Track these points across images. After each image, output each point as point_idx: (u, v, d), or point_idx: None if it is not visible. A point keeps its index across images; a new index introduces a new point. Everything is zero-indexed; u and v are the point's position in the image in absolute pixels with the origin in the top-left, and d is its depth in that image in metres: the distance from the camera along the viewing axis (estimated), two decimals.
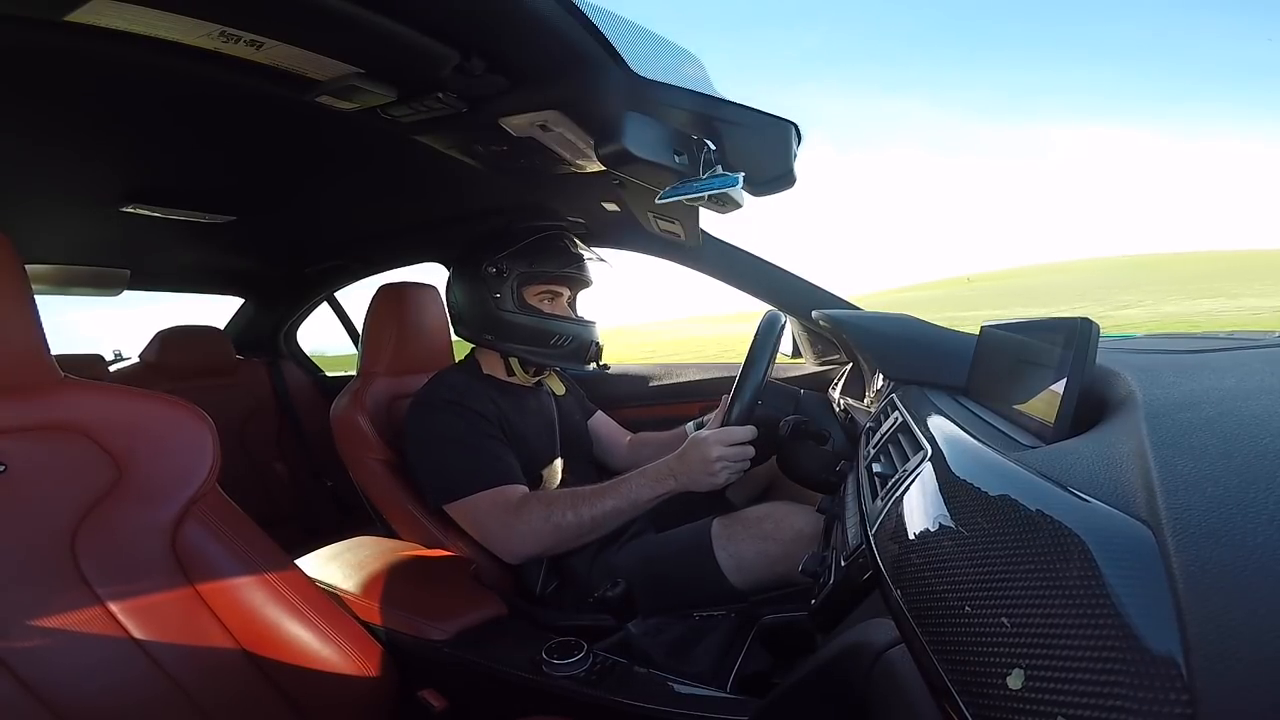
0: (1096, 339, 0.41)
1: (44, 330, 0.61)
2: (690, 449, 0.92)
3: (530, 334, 1.07)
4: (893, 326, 0.90)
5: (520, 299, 1.07)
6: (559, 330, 1.07)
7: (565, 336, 1.08)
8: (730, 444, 0.90)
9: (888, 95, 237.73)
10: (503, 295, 1.06)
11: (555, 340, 1.07)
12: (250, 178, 1.10)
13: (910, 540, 0.38)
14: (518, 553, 0.96)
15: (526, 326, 1.06)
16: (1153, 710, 0.18)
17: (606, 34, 0.56)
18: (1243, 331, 0.79)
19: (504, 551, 0.97)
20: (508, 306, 1.06)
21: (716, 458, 0.89)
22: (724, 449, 0.89)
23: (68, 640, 0.57)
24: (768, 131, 0.70)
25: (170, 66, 0.62)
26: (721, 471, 0.89)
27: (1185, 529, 0.22)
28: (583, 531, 0.93)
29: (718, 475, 0.90)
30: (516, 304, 1.06)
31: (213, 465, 0.66)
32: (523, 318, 1.06)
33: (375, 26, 0.53)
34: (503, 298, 1.06)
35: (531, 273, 1.06)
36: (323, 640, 0.67)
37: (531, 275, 1.07)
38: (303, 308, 2.07)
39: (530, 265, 1.06)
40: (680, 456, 0.92)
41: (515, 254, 1.06)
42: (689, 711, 0.66)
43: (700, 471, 0.90)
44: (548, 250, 1.08)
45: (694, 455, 0.91)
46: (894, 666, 0.33)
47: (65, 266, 1.48)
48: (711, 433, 0.91)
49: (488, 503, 0.96)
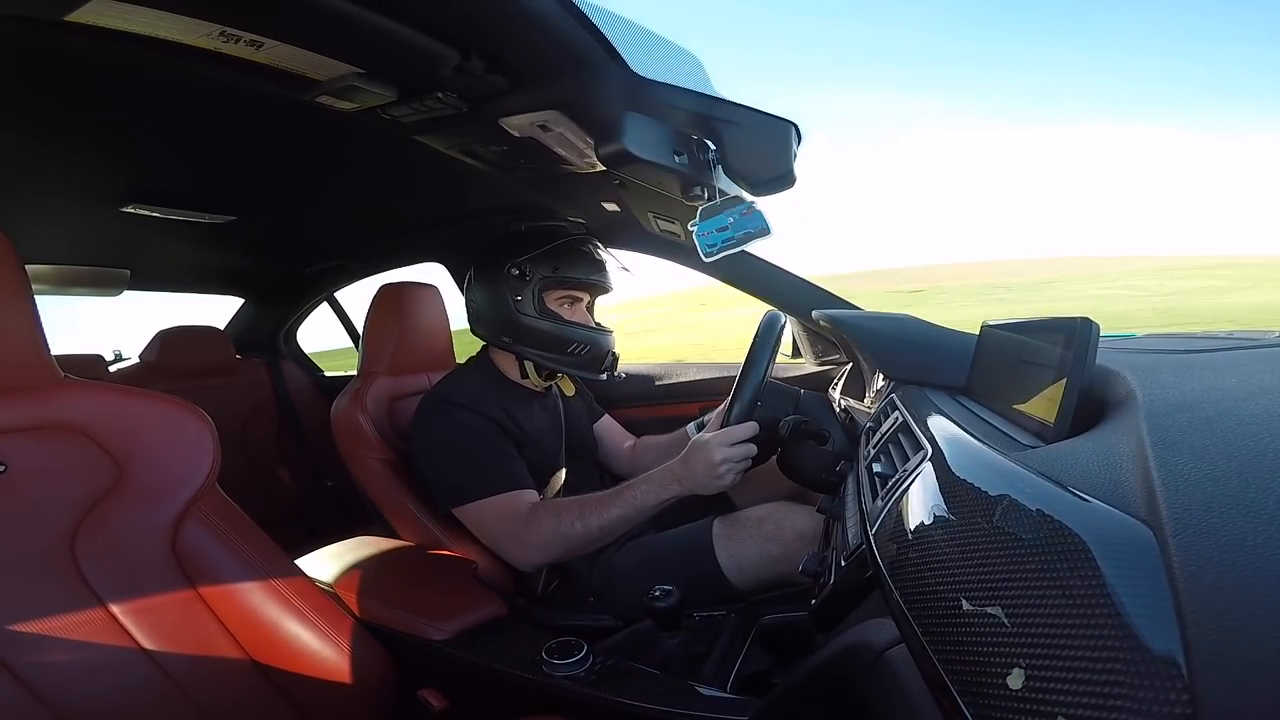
0: (1097, 339, 0.41)
1: (44, 330, 0.61)
2: (692, 453, 0.91)
3: (549, 340, 1.05)
4: (892, 326, 0.90)
5: (541, 303, 1.05)
6: (578, 337, 1.06)
7: (583, 344, 1.06)
8: (731, 444, 0.90)
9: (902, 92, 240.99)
10: (524, 298, 1.04)
11: (573, 348, 1.06)
12: (250, 178, 1.10)
13: (910, 540, 0.38)
14: (527, 561, 0.96)
15: (546, 332, 1.05)
16: (1153, 710, 0.18)
17: (606, 34, 0.56)
18: (1243, 331, 0.79)
19: (512, 559, 0.97)
20: (528, 310, 1.04)
21: (720, 460, 0.88)
22: (726, 450, 0.89)
23: (67, 640, 0.57)
24: (768, 131, 0.70)
25: (170, 66, 0.62)
26: (726, 474, 0.89)
27: (1185, 529, 0.22)
28: (590, 540, 0.93)
29: (723, 478, 0.89)
30: (537, 308, 1.05)
31: (213, 465, 0.66)
32: (542, 323, 1.05)
33: (375, 26, 0.53)
34: (524, 301, 1.04)
35: (555, 278, 1.05)
36: (322, 640, 0.67)
37: (555, 280, 1.05)
38: (303, 308, 2.08)
39: (554, 270, 1.05)
40: (683, 461, 0.92)
41: (539, 257, 1.05)
42: (689, 711, 0.66)
43: (705, 475, 0.90)
44: (572, 255, 1.07)
45: (697, 459, 0.90)
46: (894, 666, 0.33)
47: (65, 266, 1.48)
48: (712, 435, 0.91)
49: (496, 509, 0.96)
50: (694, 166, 0.69)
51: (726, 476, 0.89)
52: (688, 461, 0.91)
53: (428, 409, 1.04)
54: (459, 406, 1.01)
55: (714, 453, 0.89)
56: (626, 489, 0.94)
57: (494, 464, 0.99)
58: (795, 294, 1.29)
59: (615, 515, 0.92)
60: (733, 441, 0.90)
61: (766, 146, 0.70)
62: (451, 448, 0.99)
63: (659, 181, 0.78)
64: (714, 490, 0.91)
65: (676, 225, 1.11)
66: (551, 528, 0.93)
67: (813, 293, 1.28)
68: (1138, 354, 0.53)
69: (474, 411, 1.01)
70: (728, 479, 0.89)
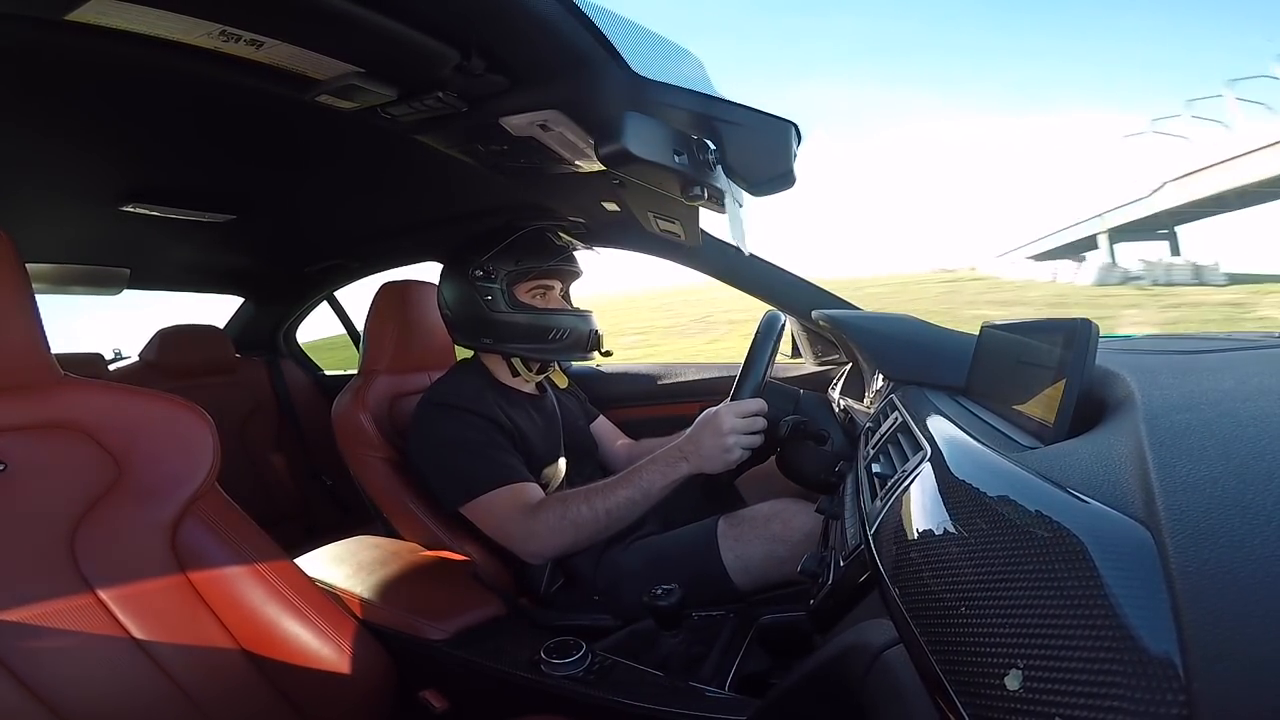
0: (1096, 340, 0.41)
1: (44, 329, 0.61)
2: (700, 425, 0.91)
3: (527, 331, 1.06)
4: (892, 326, 0.91)
5: (512, 298, 1.06)
6: (555, 324, 1.06)
7: (562, 330, 1.07)
8: (741, 415, 0.89)
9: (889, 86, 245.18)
10: (494, 297, 1.05)
11: (554, 334, 1.06)
12: (250, 177, 1.10)
13: (909, 541, 0.38)
14: (538, 552, 0.95)
15: (522, 324, 1.05)
16: (1150, 711, 0.18)
17: (606, 34, 0.56)
18: (1242, 332, 0.79)
19: (524, 551, 0.96)
20: (500, 307, 1.05)
21: (729, 430, 0.88)
22: (735, 420, 0.88)
23: (67, 639, 0.57)
24: (768, 131, 0.69)
25: (170, 66, 0.62)
26: (734, 447, 0.88)
27: (1183, 530, 0.22)
28: (599, 526, 0.93)
29: (731, 451, 0.88)
30: (509, 303, 1.05)
31: (213, 464, 0.66)
32: (518, 316, 1.05)
33: (375, 26, 0.53)
34: (494, 299, 1.05)
35: (519, 270, 1.05)
36: (322, 640, 0.67)
37: (519, 273, 1.05)
38: (302, 307, 2.07)
39: (516, 263, 1.05)
40: (691, 436, 0.92)
41: (499, 254, 1.05)
42: (687, 711, 0.66)
43: (713, 446, 0.89)
44: (531, 246, 1.07)
45: (705, 430, 0.90)
46: (892, 667, 0.33)
47: (65, 265, 1.48)
48: (722, 405, 0.90)
49: (505, 502, 0.96)
50: (694, 166, 0.69)
51: (735, 450, 0.88)
52: (696, 434, 0.91)
53: (425, 411, 1.04)
54: (456, 408, 1.01)
55: (723, 421, 0.88)
56: (633, 471, 0.94)
57: (496, 458, 0.99)
58: (795, 294, 1.29)
59: (623, 498, 0.92)
60: (743, 413, 0.89)
61: (766, 146, 0.70)
62: (453, 446, 0.99)
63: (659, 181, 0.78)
64: (721, 467, 0.90)
65: (676, 225, 1.11)
66: (559, 514, 0.92)
67: (813, 293, 1.28)
68: (1137, 355, 0.53)
69: (472, 412, 1.01)
70: (735, 453, 0.89)
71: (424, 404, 1.05)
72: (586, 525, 0.92)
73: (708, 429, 0.90)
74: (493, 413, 1.02)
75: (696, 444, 0.90)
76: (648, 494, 0.92)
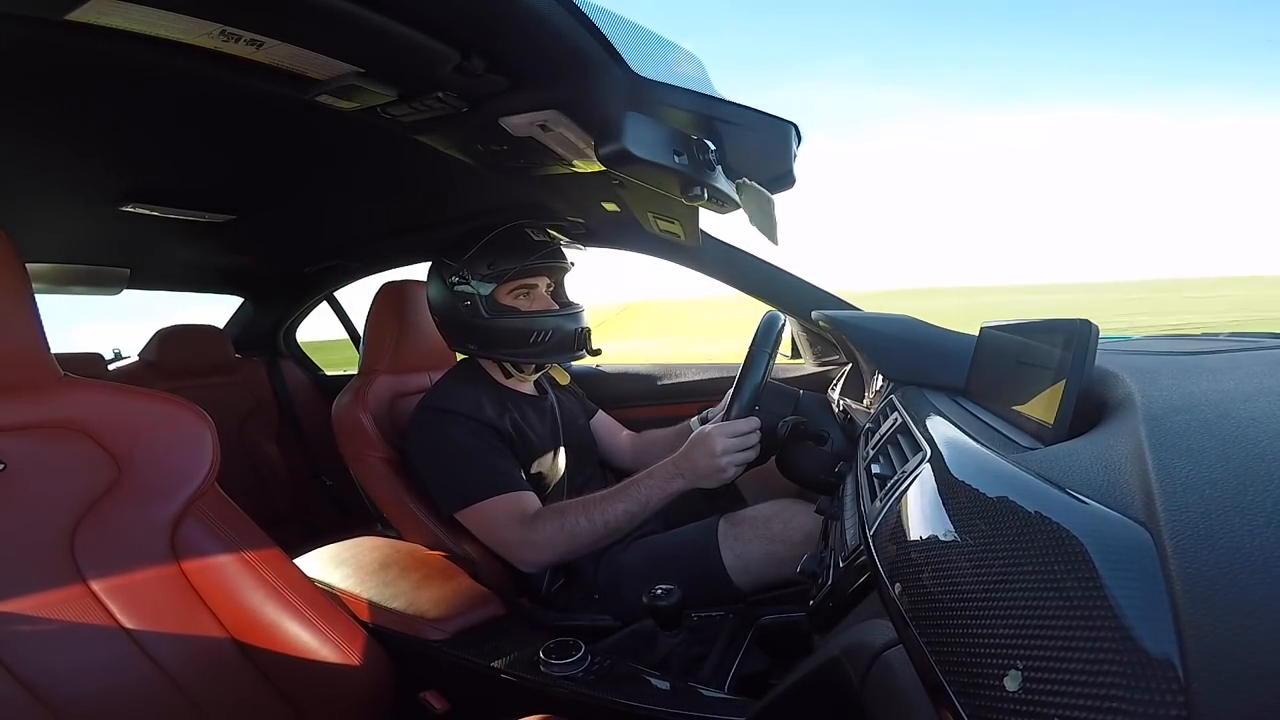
0: (1096, 340, 0.41)
1: (44, 328, 0.61)
2: (694, 445, 0.91)
3: (508, 336, 1.04)
4: (892, 327, 0.90)
5: (493, 302, 1.03)
6: (536, 326, 1.04)
7: (544, 331, 1.04)
8: (734, 435, 0.89)
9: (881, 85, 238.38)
10: (472, 303, 1.02)
11: (535, 337, 1.04)
12: (250, 177, 1.10)
13: (909, 541, 0.38)
14: (533, 561, 0.96)
15: (503, 329, 1.03)
16: (1149, 712, 0.18)
17: (606, 34, 0.56)
18: (1242, 333, 0.79)
19: (519, 560, 0.96)
20: (480, 314, 1.02)
21: (721, 451, 0.88)
22: (728, 440, 0.88)
23: (66, 639, 0.57)
24: (768, 132, 0.70)
25: (171, 65, 0.62)
26: (728, 466, 0.89)
27: (1183, 531, 0.22)
28: (596, 537, 0.93)
29: (725, 470, 0.89)
30: (489, 308, 1.02)
31: (212, 464, 0.66)
32: (498, 321, 1.03)
33: (375, 26, 0.53)
34: (474, 305, 1.02)
35: (493, 273, 1.03)
36: (322, 640, 0.67)
37: (494, 276, 1.03)
38: (302, 307, 2.07)
39: (490, 266, 1.02)
40: (685, 454, 0.92)
41: (472, 258, 1.03)
42: (686, 711, 0.66)
43: (706, 467, 0.89)
44: (505, 246, 1.04)
45: (698, 451, 0.90)
46: (891, 667, 0.33)
47: (65, 265, 1.48)
48: (714, 426, 0.90)
49: (501, 510, 0.95)
50: (694, 166, 0.69)
51: (729, 469, 0.89)
52: (689, 454, 0.91)
53: (424, 416, 1.04)
54: (451, 413, 1.01)
55: (715, 443, 0.88)
56: (631, 484, 0.94)
57: (494, 466, 0.98)
58: (795, 294, 1.29)
59: (621, 510, 0.92)
60: (734, 434, 0.89)
61: (766, 146, 0.70)
62: (451, 452, 0.99)
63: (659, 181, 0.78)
64: (716, 483, 0.90)
65: (676, 225, 1.11)
66: (556, 526, 0.92)
67: (812, 293, 1.28)
68: (1136, 356, 0.53)
69: (470, 418, 1.00)
70: (729, 471, 0.89)
71: (422, 409, 1.05)
72: (583, 537, 0.92)
73: (701, 451, 0.90)
74: (491, 418, 1.02)
75: (691, 463, 0.91)
76: (646, 506, 0.92)
